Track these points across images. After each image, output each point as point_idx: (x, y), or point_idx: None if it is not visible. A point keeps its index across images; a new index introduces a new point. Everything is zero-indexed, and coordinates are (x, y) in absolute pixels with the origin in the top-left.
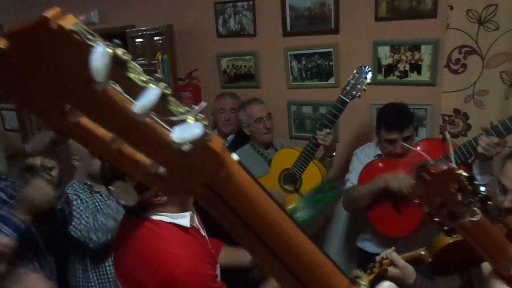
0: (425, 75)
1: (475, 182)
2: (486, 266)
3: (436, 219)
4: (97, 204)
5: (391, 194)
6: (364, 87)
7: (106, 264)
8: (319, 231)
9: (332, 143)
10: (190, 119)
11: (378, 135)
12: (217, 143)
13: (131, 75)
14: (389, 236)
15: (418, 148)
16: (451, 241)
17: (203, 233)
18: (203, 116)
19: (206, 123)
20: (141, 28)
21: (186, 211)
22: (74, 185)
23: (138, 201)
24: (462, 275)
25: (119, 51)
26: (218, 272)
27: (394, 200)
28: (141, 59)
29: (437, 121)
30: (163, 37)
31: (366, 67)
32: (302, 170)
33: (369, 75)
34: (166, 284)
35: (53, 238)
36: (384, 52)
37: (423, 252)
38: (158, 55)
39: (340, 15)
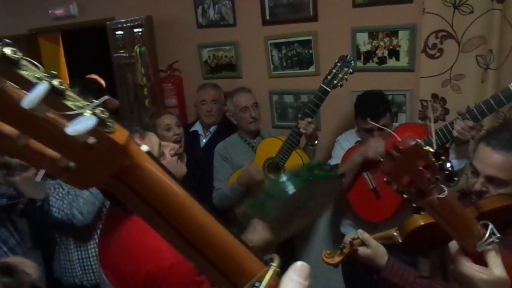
0: (403, 61)
1: (442, 158)
2: (452, 245)
3: (405, 196)
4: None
5: (368, 170)
6: (346, 76)
7: (90, 254)
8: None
9: (314, 132)
10: (87, 113)
11: (356, 123)
12: (121, 135)
13: (23, 73)
14: (369, 220)
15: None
16: (422, 223)
17: None
18: (102, 109)
19: (105, 116)
20: (121, 20)
21: None
22: None
23: None
24: (433, 255)
25: (8, 50)
26: None
27: (374, 184)
28: (122, 51)
29: (416, 107)
30: (143, 29)
31: (348, 56)
32: (285, 159)
33: (352, 65)
34: (151, 276)
35: (39, 232)
36: (362, 39)
37: (394, 233)
38: (136, 47)
39: (318, 3)
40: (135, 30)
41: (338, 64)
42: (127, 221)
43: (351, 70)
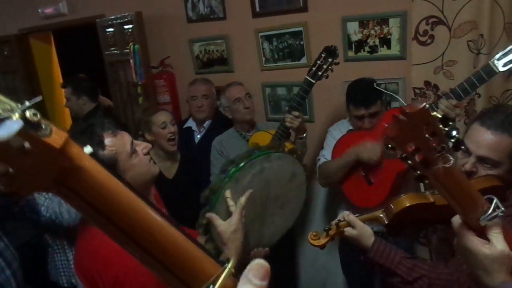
0: (395, 49)
1: (449, 124)
2: (456, 219)
3: (409, 162)
4: None
5: (361, 165)
6: (331, 67)
7: None
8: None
9: (301, 125)
10: (15, 116)
11: (348, 111)
12: (57, 138)
13: None
14: (363, 207)
15: (385, 118)
16: (408, 204)
17: None
18: (35, 111)
19: (37, 118)
20: (111, 17)
21: None
22: None
23: None
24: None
25: None
26: None
27: (364, 172)
28: (113, 49)
29: (409, 94)
30: (133, 25)
31: (333, 47)
32: None
33: (336, 55)
34: (120, 276)
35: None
36: (353, 28)
37: (380, 215)
38: (130, 45)
39: None
40: (126, 26)
41: (323, 55)
42: None
43: (336, 61)
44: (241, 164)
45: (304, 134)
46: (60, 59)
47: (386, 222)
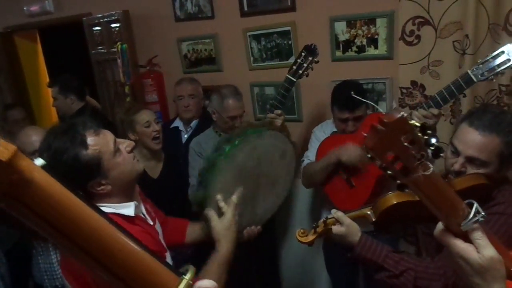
0: (382, 49)
1: (428, 132)
2: (437, 231)
3: (389, 172)
4: None
5: (343, 168)
6: (311, 66)
7: None
8: (283, 211)
9: (283, 124)
10: None
11: (332, 112)
12: (4, 150)
13: None
14: (345, 209)
15: (366, 123)
16: (395, 201)
17: (151, 222)
18: None
19: None
20: (98, 16)
21: (131, 200)
22: None
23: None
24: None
25: None
26: (168, 259)
27: (347, 175)
28: (100, 48)
29: (396, 94)
30: (120, 24)
31: (313, 46)
32: None
33: (316, 54)
34: None
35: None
36: (341, 28)
37: (368, 212)
38: (117, 44)
39: None
40: (113, 25)
41: (303, 53)
42: None
43: (316, 59)
44: (236, 142)
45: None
46: (47, 57)
47: (373, 220)
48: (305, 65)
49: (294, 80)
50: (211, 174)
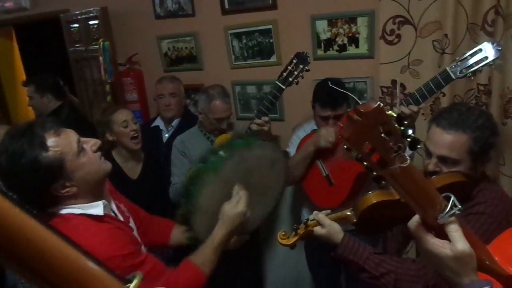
0: (363, 48)
1: (404, 123)
2: (412, 223)
3: (365, 163)
4: None
5: (321, 157)
6: (301, 74)
7: None
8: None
9: (268, 130)
10: None
11: (313, 110)
12: None
13: None
14: (324, 207)
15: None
16: (374, 201)
17: (122, 219)
18: None
19: None
20: (75, 12)
21: (100, 200)
22: None
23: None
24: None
25: None
26: (143, 249)
27: (326, 169)
28: (78, 45)
29: (377, 93)
30: (99, 21)
31: (305, 53)
32: None
33: (307, 62)
34: None
35: None
36: (322, 27)
37: (349, 213)
38: (99, 41)
39: None
40: (91, 22)
41: (294, 61)
42: (54, 225)
43: (307, 68)
44: (222, 153)
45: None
46: (23, 55)
47: (354, 220)
48: (295, 72)
49: (284, 87)
50: (195, 186)
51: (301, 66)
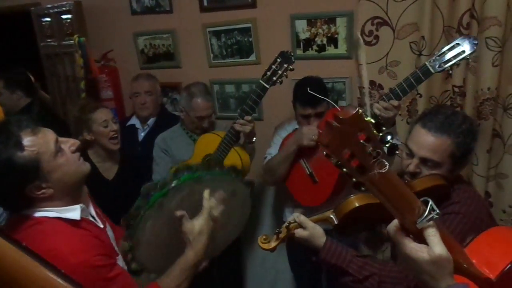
0: (342, 48)
1: (383, 129)
2: (391, 227)
3: (344, 170)
4: None
5: (304, 156)
6: (285, 73)
7: None
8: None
9: (252, 130)
10: None
11: (294, 109)
12: None
13: None
14: (308, 205)
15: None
16: (357, 205)
17: (101, 225)
18: None
19: None
20: (47, 6)
21: (78, 203)
22: None
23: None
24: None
25: None
26: (120, 262)
27: (309, 168)
28: (50, 40)
29: (356, 94)
30: (72, 15)
31: (289, 52)
32: (223, 156)
33: (292, 61)
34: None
35: None
36: (301, 26)
37: (331, 215)
38: (75, 37)
39: None
40: (63, 16)
41: (278, 60)
42: (26, 229)
43: (291, 67)
44: (165, 190)
45: (254, 139)
46: None
47: (335, 223)
48: (279, 72)
49: (268, 86)
50: (136, 221)
51: (285, 65)
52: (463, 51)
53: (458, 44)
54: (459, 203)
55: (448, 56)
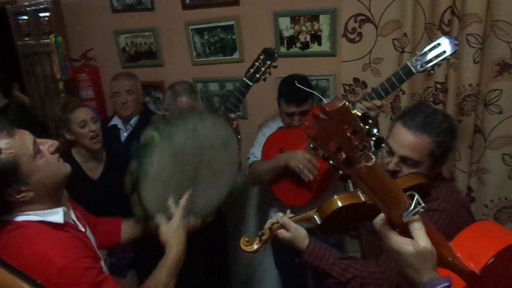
0: (325, 46)
1: (369, 122)
2: (377, 221)
3: (331, 162)
4: None
5: (290, 171)
6: (269, 70)
7: None
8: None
9: (236, 127)
10: None
11: (279, 106)
12: None
13: None
14: (292, 205)
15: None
16: (340, 205)
17: (82, 229)
18: None
19: None
20: (24, 4)
21: (59, 206)
22: None
23: None
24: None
25: None
26: (103, 265)
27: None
28: (27, 39)
29: (340, 91)
30: (50, 13)
31: (272, 49)
32: None
33: (275, 58)
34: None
35: None
36: (285, 24)
37: (314, 215)
38: (51, 37)
39: None
40: (41, 14)
41: (261, 56)
42: (8, 234)
43: (274, 64)
44: (174, 121)
45: (239, 137)
46: None
47: (318, 223)
48: (262, 69)
49: (251, 84)
50: (145, 152)
51: (268, 62)
52: (444, 51)
53: (439, 44)
54: (438, 199)
55: (430, 56)
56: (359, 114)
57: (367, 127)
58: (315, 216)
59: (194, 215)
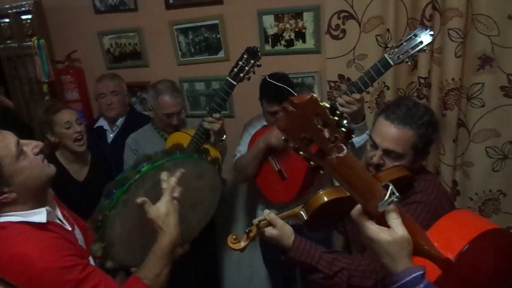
0: (310, 43)
1: (337, 112)
2: (355, 211)
3: (301, 153)
4: None
5: (273, 154)
6: (253, 69)
7: None
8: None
9: (221, 127)
10: None
11: (262, 105)
12: None
13: None
14: (278, 202)
15: None
16: (326, 199)
17: (69, 228)
18: None
19: None
20: (5, 6)
21: (43, 206)
22: None
23: None
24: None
25: None
26: (91, 260)
27: (278, 165)
28: (10, 42)
29: (325, 88)
30: (32, 15)
31: (255, 48)
32: None
33: (258, 57)
34: (24, 286)
35: None
36: (269, 22)
37: (300, 211)
38: (33, 39)
39: None
40: (23, 17)
41: (245, 56)
42: None
43: (258, 63)
44: (126, 186)
45: (224, 136)
46: None
47: (305, 219)
48: (246, 68)
49: (235, 83)
50: (103, 224)
51: (252, 61)
52: (421, 42)
53: (415, 36)
54: (421, 192)
55: (406, 47)
56: (328, 106)
57: (336, 118)
58: (302, 212)
59: (183, 243)
